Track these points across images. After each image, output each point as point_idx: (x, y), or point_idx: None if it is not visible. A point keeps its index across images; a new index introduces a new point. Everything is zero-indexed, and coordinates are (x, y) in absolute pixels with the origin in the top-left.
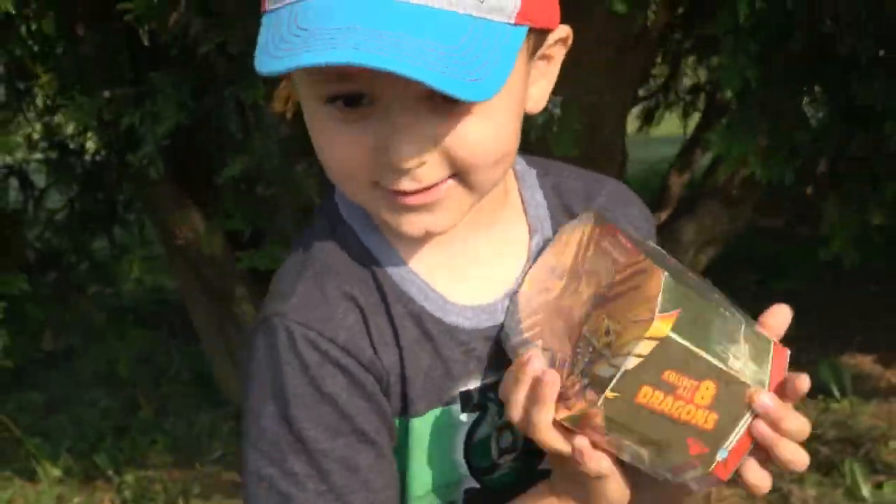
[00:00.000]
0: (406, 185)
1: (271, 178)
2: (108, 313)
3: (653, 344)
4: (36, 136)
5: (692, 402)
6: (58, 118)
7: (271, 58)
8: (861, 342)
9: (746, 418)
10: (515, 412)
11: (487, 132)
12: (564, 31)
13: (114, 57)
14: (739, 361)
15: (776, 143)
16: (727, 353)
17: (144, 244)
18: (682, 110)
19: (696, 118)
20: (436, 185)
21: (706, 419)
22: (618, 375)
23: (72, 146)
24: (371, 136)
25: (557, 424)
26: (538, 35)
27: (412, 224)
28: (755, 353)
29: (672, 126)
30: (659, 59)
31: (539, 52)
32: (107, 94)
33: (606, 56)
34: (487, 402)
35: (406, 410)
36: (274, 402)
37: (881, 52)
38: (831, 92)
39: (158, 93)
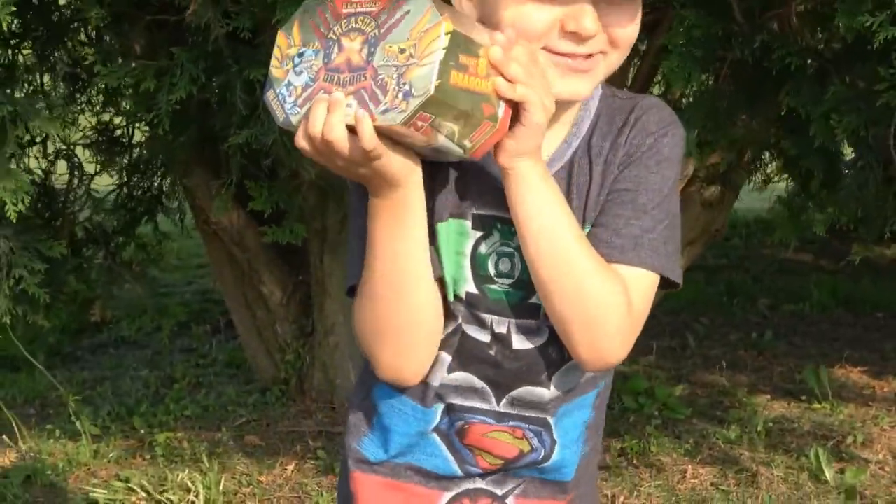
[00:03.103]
0: (575, 49)
1: (272, 153)
2: (153, 291)
3: (448, 38)
4: (88, 129)
5: (477, 75)
6: (108, 115)
7: None
8: (852, 356)
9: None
10: (328, 129)
11: (635, 24)
12: None
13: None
14: (484, 37)
15: (711, 135)
16: (476, 29)
17: (185, 233)
18: None
19: None
20: (587, 56)
21: (488, 85)
22: (436, 68)
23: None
24: (560, 10)
25: (387, 141)
26: None
27: (567, 83)
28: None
29: None
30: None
31: None
32: (133, 64)
33: None
34: (494, 228)
35: (431, 217)
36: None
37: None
38: (765, 96)
39: (177, 66)
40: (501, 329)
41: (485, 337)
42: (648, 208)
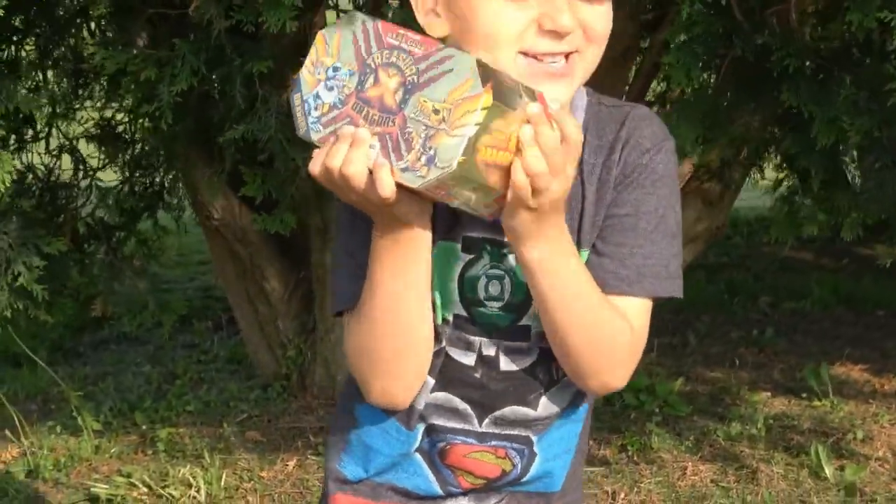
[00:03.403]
0: (554, 47)
1: (267, 147)
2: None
3: (484, 113)
4: (91, 125)
5: (506, 149)
6: (110, 111)
7: None
8: (853, 354)
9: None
10: (347, 164)
11: (607, 17)
12: None
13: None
14: (521, 103)
15: (711, 133)
16: (519, 104)
17: (184, 229)
18: None
19: None
20: (565, 56)
21: (513, 158)
22: (464, 143)
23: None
24: (535, 10)
25: (402, 188)
26: None
27: (547, 91)
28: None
29: None
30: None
31: None
32: (135, 51)
33: (602, 70)
34: (483, 250)
35: None
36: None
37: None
38: (765, 94)
39: (178, 58)
40: (490, 351)
41: (469, 360)
42: (648, 232)
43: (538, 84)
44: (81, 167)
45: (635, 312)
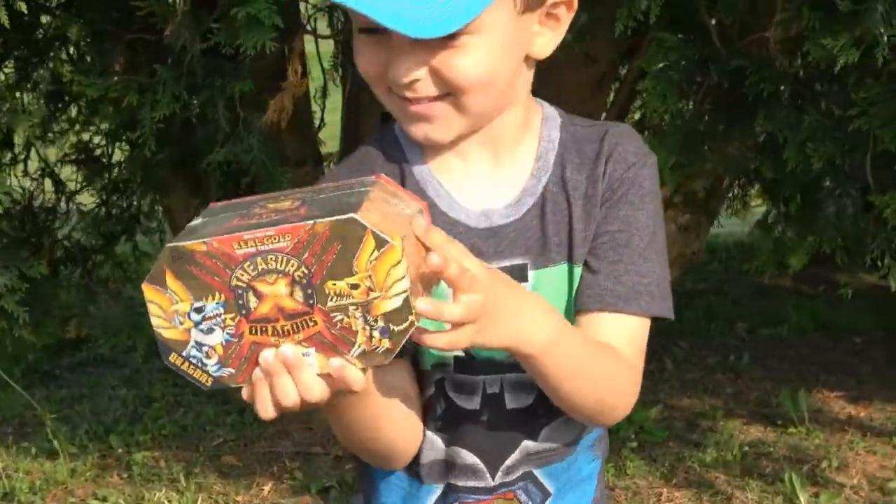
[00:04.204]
0: (407, 93)
1: (250, 170)
2: (130, 310)
3: (405, 261)
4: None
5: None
6: (88, 135)
7: None
8: (829, 381)
9: None
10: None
11: (468, 61)
12: None
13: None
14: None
15: (688, 159)
16: (405, 224)
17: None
18: None
19: None
20: (431, 100)
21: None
22: (406, 295)
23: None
24: (383, 55)
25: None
26: None
27: (416, 129)
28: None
29: None
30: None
31: (540, 10)
32: (115, 77)
33: (580, 98)
34: None
35: None
36: None
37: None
38: (742, 121)
39: (159, 83)
40: (494, 388)
41: (474, 404)
42: (642, 249)
43: (405, 120)
44: (61, 191)
45: (631, 331)
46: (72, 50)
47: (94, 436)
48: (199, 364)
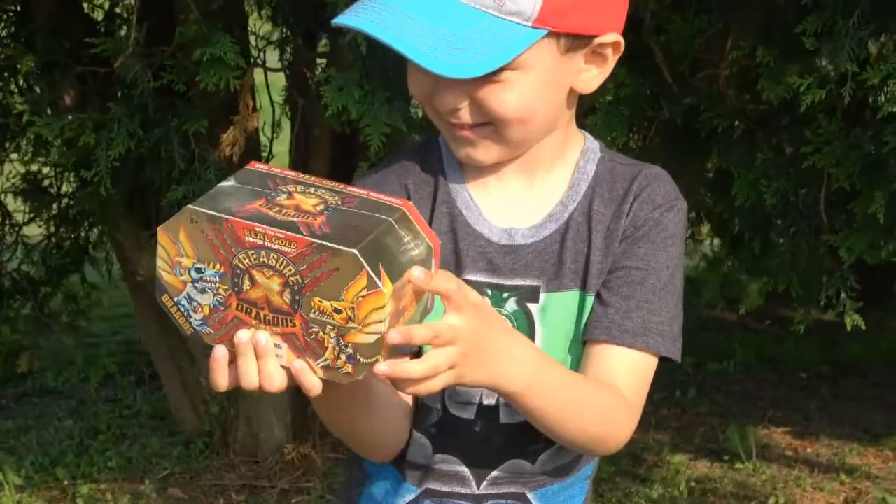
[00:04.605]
0: (452, 119)
1: None
2: (78, 343)
3: (390, 305)
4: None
5: (410, 310)
6: (37, 165)
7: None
8: (775, 416)
9: None
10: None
11: (509, 97)
12: (613, 38)
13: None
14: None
15: None
16: (405, 268)
17: (113, 284)
18: None
19: None
20: (473, 126)
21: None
22: (380, 336)
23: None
24: (430, 83)
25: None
26: (575, 37)
27: (460, 150)
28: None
29: None
30: None
31: (586, 50)
32: (70, 117)
33: None
34: (483, 294)
35: None
36: None
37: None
38: (693, 157)
39: (115, 121)
40: (490, 401)
41: (469, 413)
42: (657, 289)
43: (453, 144)
44: (8, 222)
45: (635, 367)
46: (21, 81)
47: (41, 468)
48: (186, 314)
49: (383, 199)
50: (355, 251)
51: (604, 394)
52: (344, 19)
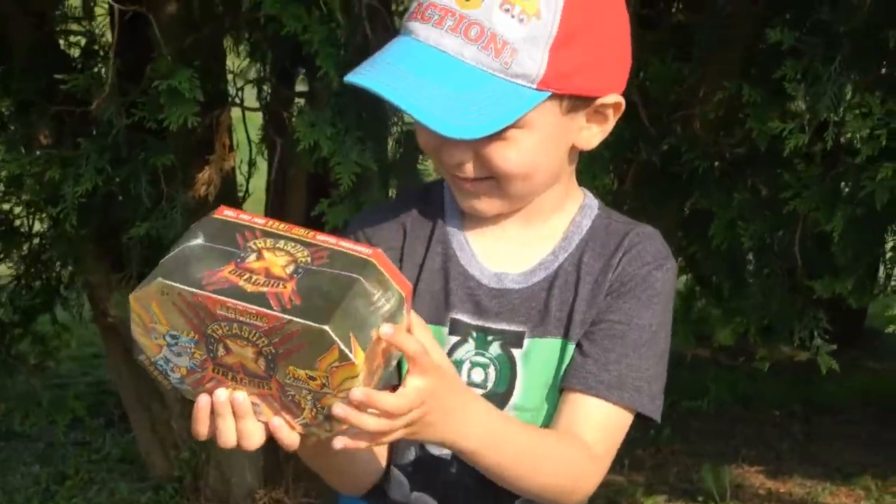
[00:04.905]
0: (458, 173)
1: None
2: (46, 384)
3: (362, 374)
4: None
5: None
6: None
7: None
8: (749, 455)
9: None
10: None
11: (511, 154)
12: (614, 98)
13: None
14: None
15: None
16: (372, 332)
17: (84, 325)
18: None
19: None
20: (478, 180)
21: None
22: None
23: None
24: (436, 137)
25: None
26: (578, 98)
27: (464, 201)
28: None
29: None
30: None
31: (587, 109)
32: (38, 152)
33: None
34: (469, 336)
35: None
36: None
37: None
38: (670, 198)
39: (82, 157)
40: None
41: (446, 453)
42: (638, 345)
43: (457, 195)
44: None
45: (607, 419)
46: None
47: None
48: (164, 373)
49: (352, 249)
50: (326, 328)
51: (564, 447)
52: (355, 78)
